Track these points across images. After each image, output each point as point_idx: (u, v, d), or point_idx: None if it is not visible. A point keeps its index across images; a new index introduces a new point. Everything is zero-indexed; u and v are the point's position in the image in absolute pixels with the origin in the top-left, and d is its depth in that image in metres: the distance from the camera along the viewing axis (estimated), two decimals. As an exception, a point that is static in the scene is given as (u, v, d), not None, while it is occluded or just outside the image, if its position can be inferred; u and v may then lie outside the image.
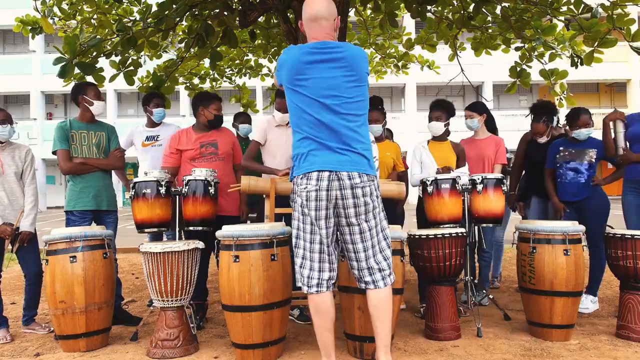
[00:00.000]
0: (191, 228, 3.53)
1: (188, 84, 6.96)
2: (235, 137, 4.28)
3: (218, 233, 3.04)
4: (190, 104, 4.07)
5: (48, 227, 6.65)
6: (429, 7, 4.93)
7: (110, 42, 4.74)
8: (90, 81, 4.24)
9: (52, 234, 3.29)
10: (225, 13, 4.68)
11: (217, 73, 7.07)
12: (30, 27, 4.66)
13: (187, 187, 3.50)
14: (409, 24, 15.44)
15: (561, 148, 4.10)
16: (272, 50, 6.83)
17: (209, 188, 3.50)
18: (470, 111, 4.46)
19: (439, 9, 5.47)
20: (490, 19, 5.36)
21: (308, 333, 3.51)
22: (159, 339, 3.14)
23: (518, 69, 5.50)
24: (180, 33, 5.80)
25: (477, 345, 3.22)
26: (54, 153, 3.81)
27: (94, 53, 4.31)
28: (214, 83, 7.36)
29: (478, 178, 3.67)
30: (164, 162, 4.02)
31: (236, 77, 7.49)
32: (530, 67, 5.50)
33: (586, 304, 3.96)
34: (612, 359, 2.97)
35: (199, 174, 3.54)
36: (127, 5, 4.96)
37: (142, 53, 5.36)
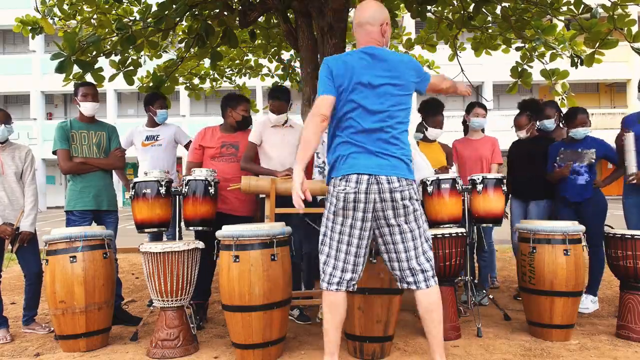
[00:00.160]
0: (191, 228, 3.53)
1: (188, 84, 6.97)
2: None
3: (218, 233, 3.03)
4: (220, 106, 4.10)
5: (48, 227, 6.65)
6: (429, 7, 4.94)
7: (109, 42, 4.74)
8: (84, 81, 4.24)
9: (52, 234, 3.28)
10: (225, 13, 4.68)
11: (217, 73, 7.08)
12: (30, 27, 4.67)
13: (187, 187, 3.50)
14: (409, 24, 15.44)
15: (561, 149, 4.09)
16: (272, 50, 6.84)
17: (209, 188, 3.50)
18: (482, 109, 4.47)
19: (439, 9, 5.47)
20: (490, 19, 5.37)
21: (308, 333, 3.51)
22: (159, 339, 3.14)
23: (519, 69, 5.50)
24: (180, 33, 5.80)
25: (477, 345, 3.22)
26: (54, 153, 3.81)
27: (94, 52, 4.31)
28: (214, 83, 7.37)
29: (478, 178, 3.67)
30: (189, 156, 4.10)
31: (236, 77, 7.50)
32: (531, 67, 5.51)
33: (586, 304, 3.96)
34: (612, 359, 2.97)
35: (199, 174, 3.54)
36: (127, 5, 4.96)
37: (142, 53, 5.36)
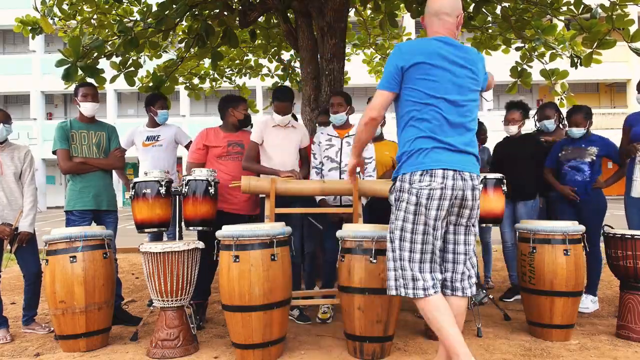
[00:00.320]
0: (191, 228, 3.53)
1: (188, 84, 6.97)
2: None
3: (218, 233, 3.03)
4: (218, 108, 4.11)
5: (48, 227, 6.65)
6: (429, 7, 4.93)
7: (111, 43, 4.74)
8: (84, 82, 4.23)
9: (52, 234, 3.28)
10: (225, 13, 4.69)
11: (217, 73, 7.08)
12: (30, 27, 4.68)
13: (187, 187, 3.50)
14: (409, 24, 15.43)
15: (563, 146, 4.13)
16: (272, 50, 6.84)
17: (209, 188, 3.50)
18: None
19: (439, 9, 5.46)
20: (490, 19, 5.37)
21: (308, 333, 3.51)
22: (159, 339, 3.14)
23: (519, 68, 5.50)
24: (180, 33, 5.81)
25: (477, 345, 3.21)
26: (54, 153, 3.81)
27: (95, 54, 4.31)
28: (214, 83, 7.37)
29: (478, 178, 3.67)
30: (190, 157, 4.07)
31: (236, 77, 7.50)
32: (531, 67, 5.51)
33: (586, 303, 3.96)
34: (612, 359, 2.97)
35: (199, 174, 3.54)
36: (127, 5, 4.97)
37: (142, 53, 5.37)
